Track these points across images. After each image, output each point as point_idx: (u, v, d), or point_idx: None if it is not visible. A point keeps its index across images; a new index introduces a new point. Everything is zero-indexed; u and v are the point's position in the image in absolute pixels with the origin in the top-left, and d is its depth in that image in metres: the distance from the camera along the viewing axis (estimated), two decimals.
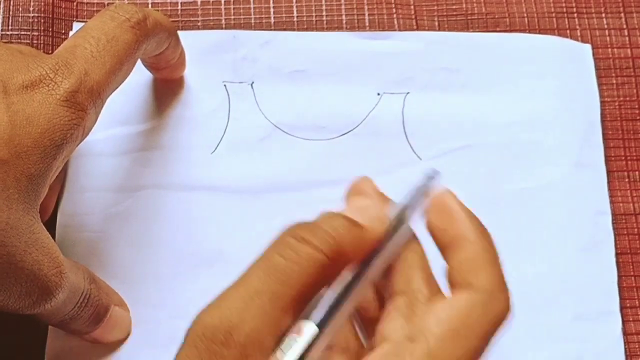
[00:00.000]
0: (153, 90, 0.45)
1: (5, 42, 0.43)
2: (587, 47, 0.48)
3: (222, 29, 0.47)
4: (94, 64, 0.36)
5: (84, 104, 0.35)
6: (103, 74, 0.36)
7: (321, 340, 0.28)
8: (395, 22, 0.48)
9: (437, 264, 0.32)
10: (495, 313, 0.31)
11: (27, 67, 0.34)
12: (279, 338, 0.28)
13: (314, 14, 0.48)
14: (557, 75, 0.47)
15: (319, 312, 0.29)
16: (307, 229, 0.30)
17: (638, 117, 0.47)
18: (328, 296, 0.29)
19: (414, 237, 0.32)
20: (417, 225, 0.33)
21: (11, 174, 0.32)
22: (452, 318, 0.29)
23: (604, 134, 0.46)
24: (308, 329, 0.28)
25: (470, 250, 0.32)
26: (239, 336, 0.27)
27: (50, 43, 0.46)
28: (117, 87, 0.38)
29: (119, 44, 0.37)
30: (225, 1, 0.48)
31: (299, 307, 0.28)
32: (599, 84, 0.47)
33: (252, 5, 0.48)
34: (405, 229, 0.32)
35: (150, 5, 0.48)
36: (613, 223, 0.45)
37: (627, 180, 0.46)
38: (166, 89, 0.45)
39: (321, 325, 0.28)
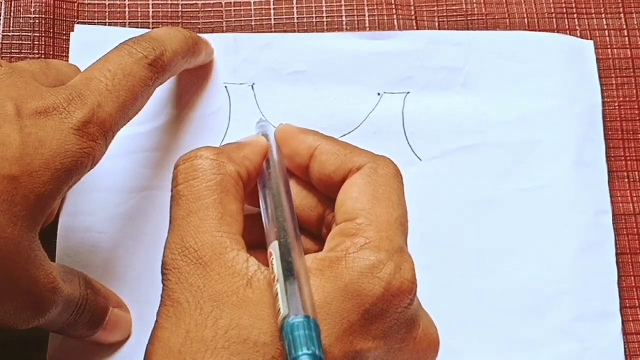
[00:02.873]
0: (155, 92, 0.45)
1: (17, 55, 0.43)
2: (590, 44, 0.48)
3: (222, 31, 0.47)
4: (108, 98, 0.36)
5: (95, 135, 0.35)
6: (116, 108, 0.36)
7: (293, 249, 0.31)
8: (396, 23, 0.48)
9: None
10: (387, 170, 0.35)
11: (41, 95, 0.35)
12: None
13: (314, 16, 0.48)
14: (558, 73, 0.47)
15: (273, 230, 0.32)
16: None
17: (638, 118, 0.47)
18: (270, 214, 0.33)
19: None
20: None
21: (20, 192, 0.33)
22: (363, 191, 0.33)
23: (604, 135, 0.46)
24: (275, 248, 0.31)
25: (324, 149, 0.35)
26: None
27: (51, 44, 0.47)
28: (129, 120, 0.38)
29: (135, 79, 0.37)
30: (225, 3, 0.48)
31: None
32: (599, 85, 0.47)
33: (252, 8, 0.48)
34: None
35: (151, 8, 0.48)
36: (613, 223, 0.45)
37: (627, 180, 0.46)
38: (168, 91, 0.46)
39: (279, 237, 0.31)
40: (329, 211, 0.36)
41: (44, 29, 0.47)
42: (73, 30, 0.47)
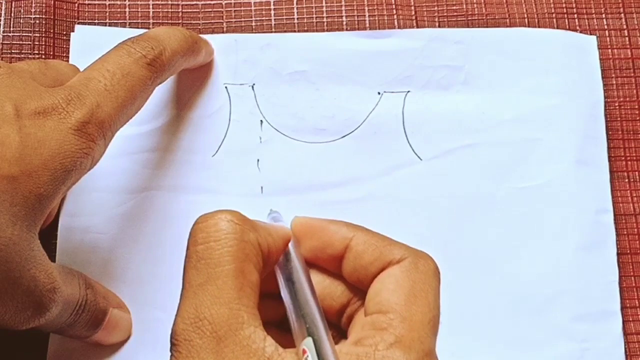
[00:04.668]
0: (155, 92, 0.45)
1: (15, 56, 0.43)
2: (592, 39, 0.48)
3: (223, 31, 0.47)
4: (107, 98, 0.36)
5: (94, 135, 0.35)
6: (115, 108, 0.36)
7: (324, 344, 0.30)
8: (396, 23, 0.48)
9: None
10: (426, 267, 0.33)
11: (40, 95, 0.35)
12: None
13: (314, 16, 0.48)
14: (560, 70, 0.47)
15: (303, 325, 0.31)
16: None
17: (638, 118, 0.47)
18: (296, 311, 0.32)
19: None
20: None
21: (20, 192, 0.33)
22: (400, 285, 0.32)
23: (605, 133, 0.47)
24: (309, 345, 0.30)
25: (360, 240, 0.34)
26: None
27: (51, 44, 0.47)
28: (128, 120, 0.38)
29: (134, 79, 0.37)
30: (225, 4, 0.48)
31: None
32: None
33: (252, 8, 0.48)
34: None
35: (151, 8, 0.48)
36: (614, 223, 0.45)
37: (627, 180, 0.46)
38: (168, 91, 0.46)
39: (312, 333, 0.30)
40: (354, 301, 0.35)
41: (44, 29, 0.47)
42: (73, 31, 0.47)
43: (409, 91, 0.46)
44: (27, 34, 0.47)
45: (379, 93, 0.46)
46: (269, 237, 0.33)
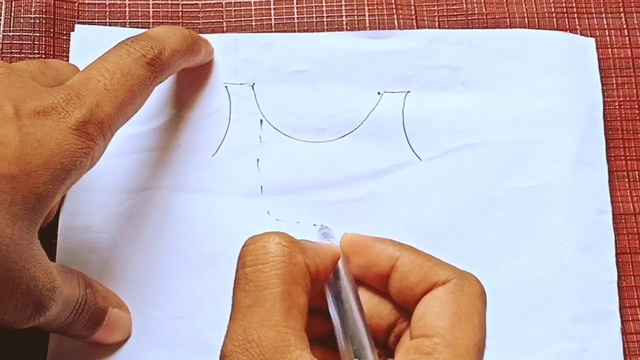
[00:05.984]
0: (155, 91, 0.46)
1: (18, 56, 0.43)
2: (591, 42, 0.48)
3: (223, 31, 0.47)
4: (107, 97, 0.36)
5: (93, 134, 0.35)
6: (114, 107, 0.36)
7: None
8: (396, 23, 0.48)
9: None
10: (472, 289, 0.33)
11: (40, 95, 0.35)
12: None
13: (314, 16, 0.48)
14: (559, 71, 0.47)
15: (351, 347, 0.32)
16: None
17: (638, 117, 0.47)
18: (343, 329, 0.32)
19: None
20: None
21: (20, 191, 0.33)
22: (446, 308, 0.31)
23: (604, 134, 0.46)
24: None
25: (406, 260, 0.34)
26: None
27: (51, 44, 0.47)
28: (128, 119, 0.38)
29: (133, 78, 0.37)
30: (225, 3, 0.48)
31: None
32: None
33: (252, 8, 0.48)
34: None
35: (151, 7, 0.48)
36: (613, 223, 0.45)
37: (627, 180, 0.46)
38: (168, 91, 0.46)
39: (359, 355, 0.31)
40: (401, 320, 0.35)
41: (44, 29, 0.47)
42: (73, 30, 0.47)
43: (409, 91, 0.46)
44: (27, 34, 0.47)
45: (379, 93, 0.46)
46: (317, 258, 0.33)
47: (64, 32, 0.47)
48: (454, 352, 0.31)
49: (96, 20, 0.48)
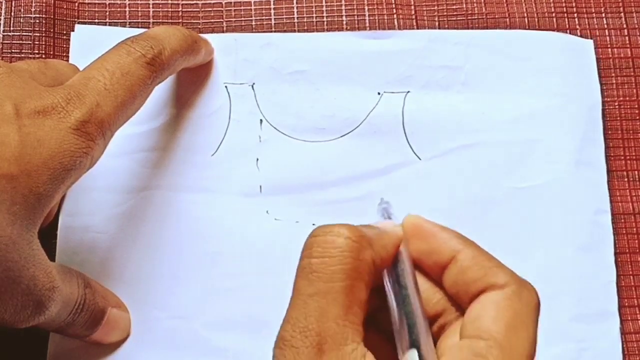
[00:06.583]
0: (155, 91, 0.46)
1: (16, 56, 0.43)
2: (589, 43, 0.48)
3: (222, 31, 0.48)
4: (107, 97, 0.36)
5: (93, 134, 0.35)
6: (114, 107, 0.36)
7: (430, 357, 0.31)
8: (396, 23, 0.48)
9: None
10: (530, 298, 0.32)
11: (40, 94, 0.35)
12: None
13: (314, 16, 0.48)
14: (558, 72, 0.47)
15: (406, 334, 0.31)
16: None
17: (638, 117, 0.47)
18: (401, 317, 0.32)
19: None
20: None
21: (20, 191, 0.33)
22: (502, 314, 0.31)
23: (603, 134, 0.46)
24: (413, 357, 0.31)
25: (468, 255, 0.33)
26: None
27: (51, 44, 0.47)
28: (128, 119, 0.38)
29: (133, 78, 0.37)
30: (225, 3, 0.48)
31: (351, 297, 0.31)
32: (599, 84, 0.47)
33: (252, 8, 0.48)
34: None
35: (151, 7, 0.48)
36: (612, 223, 0.45)
37: (626, 180, 0.46)
38: (168, 91, 0.46)
39: (417, 346, 0.31)
40: (449, 312, 0.34)
41: (44, 29, 0.47)
42: (73, 30, 0.47)
43: (409, 91, 0.46)
44: (27, 34, 0.47)
45: (378, 93, 0.46)
46: (383, 250, 0.33)
47: (64, 32, 0.47)
48: (508, 359, 0.30)
49: (96, 20, 0.48)
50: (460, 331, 0.32)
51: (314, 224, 0.43)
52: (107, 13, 0.48)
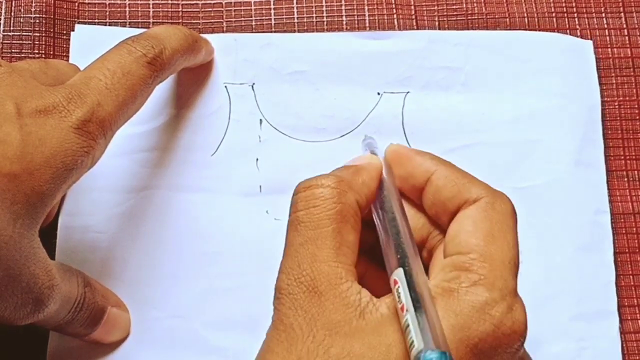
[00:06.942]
0: (155, 91, 0.46)
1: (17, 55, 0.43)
2: (589, 44, 0.48)
3: (222, 31, 0.48)
4: (108, 96, 0.36)
5: (94, 133, 0.35)
6: (115, 106, 0.36)
7: (415, 275, 0.31)
8: (396, 23, 0.48)
9: None
10: (503, 206, 0.33)
11: (41, 94, 0.35)
12: None
13: (314, 16, 0.48)
14: (557, 72, 0.47)
15: (394, 256, 0.32)
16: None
17: (638, 117, 0.47)
18: (387, 239, 0.33)
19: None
20: None
21: (21, 190, 0.33)
22: (479, 226, 0.33)
23: (603, 134, 0.47)
24: (400, 275, 0.31)
25: (441, 175, 0.35)
26: None
27: (51, 44, 0.47)
28: (129, 119, 0.38)
29: (134, 78, 0.37)
30: (225, 3, 0.48)
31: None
32: (599, 84, 0.47)
33: (252, 8, 0.48)
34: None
35: (151, 7, 0.48)
36: (612, 222, 0.45)
37: (626, 180, 0.46)
38: (168, 91, 0.46)
39: (403, 264, 0.32)
40: (434, 234, 0.36)
41: (44, 29, 0.47)
42: (73, 30, 0.47)
43: (408, 92, 0.46)
44: (27, 33, 0.47)
45: (378, 93, 0.46)
46: (365, 187, 0.34)
47: (64, 32, 0.47)
48: (490, 267, 0.32)
49: (96, 20, 0.48)
50: (443, 251, 0.34)
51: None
52: (107, 13, 0.48)
